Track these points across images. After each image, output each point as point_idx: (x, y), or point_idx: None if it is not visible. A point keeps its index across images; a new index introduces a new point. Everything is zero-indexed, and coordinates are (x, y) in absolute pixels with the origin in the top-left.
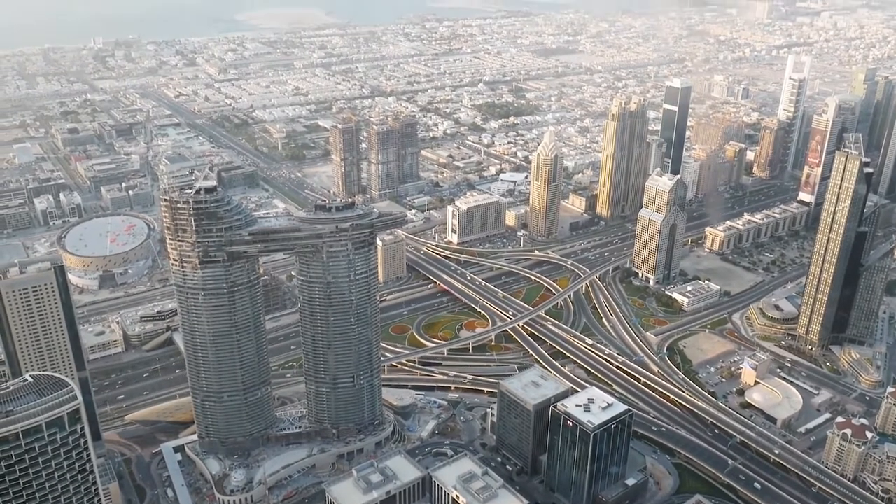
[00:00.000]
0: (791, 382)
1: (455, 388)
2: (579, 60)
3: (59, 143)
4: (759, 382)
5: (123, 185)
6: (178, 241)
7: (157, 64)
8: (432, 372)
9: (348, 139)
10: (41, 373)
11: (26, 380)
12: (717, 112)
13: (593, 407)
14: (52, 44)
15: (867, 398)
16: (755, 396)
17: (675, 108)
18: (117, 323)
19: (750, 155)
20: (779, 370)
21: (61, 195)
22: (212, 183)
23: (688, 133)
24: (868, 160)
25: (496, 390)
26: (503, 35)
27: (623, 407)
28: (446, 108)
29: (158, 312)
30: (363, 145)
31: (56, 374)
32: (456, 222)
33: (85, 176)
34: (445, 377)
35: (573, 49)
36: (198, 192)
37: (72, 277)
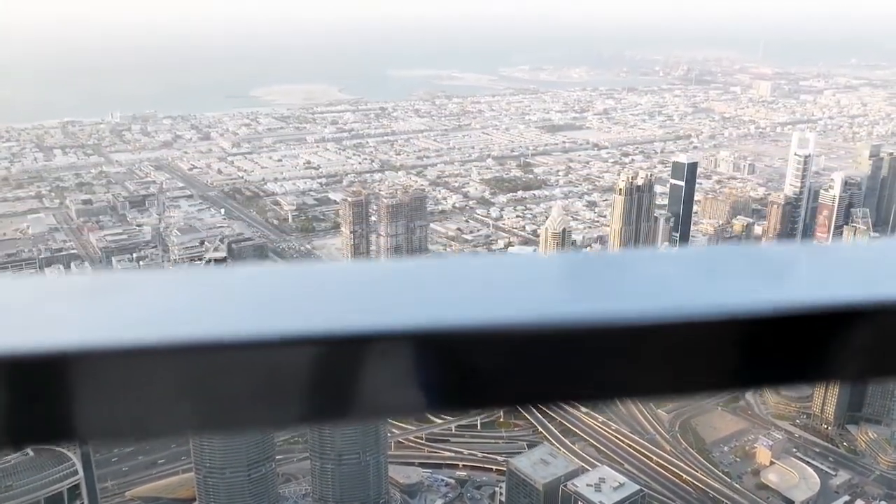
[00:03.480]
0: (808, 462)
1: (463, 465)
2: (586, 136)
3: (73, 214)
4: (774, 462)
5: (134, 255)
6: None
7: (173, 137)
8: (440, 449)
9: (358, 212)
10: (43, 446)
11: (27, 453)
12: (723, 187)
13: (604, 486)
14: (71, 117)
15: (887, 479)
16: (771, 477)
17: (682, 184)
18: None
19: (758, 229)
20: (794, 450)
21: (72, 265)
22: (222, 254)
23: (695, 208)
24: (877, 235)
25: (504, 468)
26: (511, 111)
27: (635, 487)
28: (455, 182)
29: None
30: (373, 218)
31: (58, 448)
32: None
33: (96, 246)
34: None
35: (580, 125)
36: (208, 262)
37: None
